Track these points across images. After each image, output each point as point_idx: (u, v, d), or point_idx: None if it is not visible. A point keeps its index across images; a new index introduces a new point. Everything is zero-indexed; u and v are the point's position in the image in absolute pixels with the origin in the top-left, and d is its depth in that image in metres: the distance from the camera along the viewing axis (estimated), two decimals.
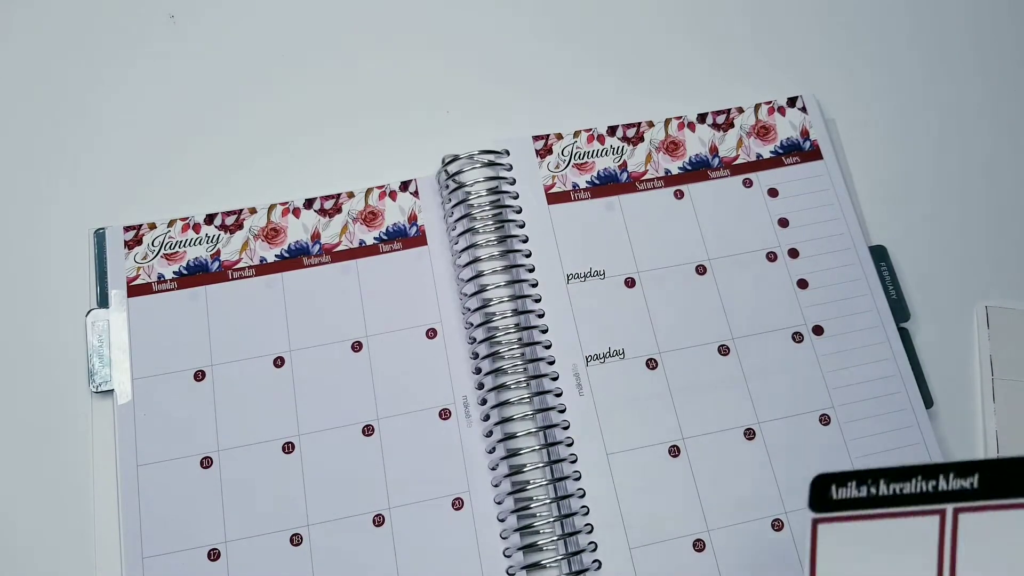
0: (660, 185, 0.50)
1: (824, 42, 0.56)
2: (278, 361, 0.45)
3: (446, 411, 0.44)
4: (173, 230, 0.48)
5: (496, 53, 0.55)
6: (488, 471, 0.43)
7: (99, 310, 0.46)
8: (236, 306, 0.46)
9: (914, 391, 0.46)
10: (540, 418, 0.44)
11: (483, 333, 0.45)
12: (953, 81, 0.55)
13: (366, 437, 0.44)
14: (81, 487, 0.43)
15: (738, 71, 0.55)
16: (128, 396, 0.44)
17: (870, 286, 0.48)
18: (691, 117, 0.52)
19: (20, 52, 0.54)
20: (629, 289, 0.47)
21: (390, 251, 0.48)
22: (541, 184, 0.49)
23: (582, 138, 0.51)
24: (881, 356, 0.47)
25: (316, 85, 0.53)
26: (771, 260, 0.49)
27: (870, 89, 0.55)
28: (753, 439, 0.44)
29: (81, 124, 0.52)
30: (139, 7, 0.55)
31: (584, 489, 0.43)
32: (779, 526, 0.43)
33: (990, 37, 0.57)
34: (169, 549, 0.41)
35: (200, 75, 0.53)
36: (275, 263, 0.47)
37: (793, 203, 0.50)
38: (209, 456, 0.43)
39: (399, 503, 0.43)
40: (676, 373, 0.46)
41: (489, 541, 0.42)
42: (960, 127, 0.54)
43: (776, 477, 0.44)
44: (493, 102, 0.53)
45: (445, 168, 0.49)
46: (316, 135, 0.52)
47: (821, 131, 0.52)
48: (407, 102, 0.53)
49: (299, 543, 0.42)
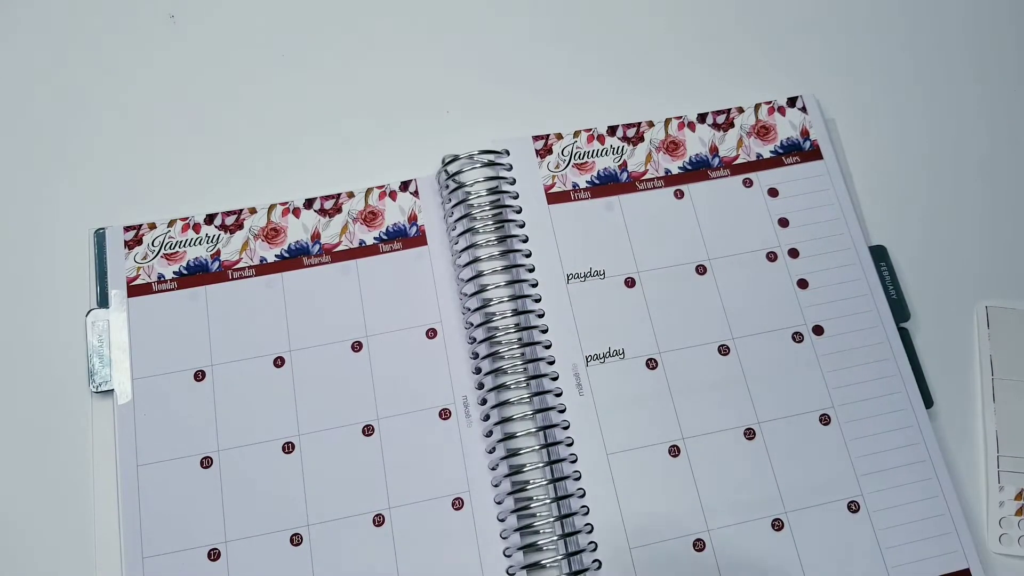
0: (660, 185, 0.50)
1: (824, 42, 0.56)
2: (278, 361, 0.45)
3: (446, 411, 0.44)
4: (173, 230, 0.48)
5: (496, 53, 0.55)
6: (488, 471, 0.43)
7: (99, 310, 0.46)
8: (236, 306, 0.46)
9: (914, 391, 0.46)
10: (540, 418, 0.44)
11: (483, 333, 0.45)
12: (953, 81, 0.55)
13: (366, 437, 0.44)
14: (81, 487, 0.43)
15: (738, 71, 0.55)
16: (128, 396, 0.44)
17: (870, 286, 0.48)
18: (691, 117, 0.52)
19: (20, 52, 0.54)
20: (629, 289, 0.47)
21: (390, 251, 0.48)
22: (541, 184, 0.49)
23: (582, 138, 0.51)
24: (881, 356, 0.47)
25: (316, 85, 0.53)
26: (771, 260, 0.49)
27: (870, 89, 0.55)
28: (753, 439, 0.44)
29: (81, 124, 0.52)
30: (139, 7, 0.55)
31: (584, 489, 0.43)
32: (779, 526, 0.43)
33: (989, 37, 0.57)
34: (169, 549, 0.41)
35: (200, 75, 0.53)
36: (275, 263, 0.47)
37: (793, 203, 0.50)
38: (209, 456, 0.43)
39: (399, 503, 0.43)
40: (676, 373, 0.46)
41: (489, 541, 0.42)
42: (960, 127, 0.54)
43: (776, 477, 0.44)
44: (493, 102, 0.53)
45: (445, 168, 0.49)
46: (316, 135, 0.52)
47: (821, 131, 0.52)
48: (407, 102, 0.53)
49: (299, 543, 0.42)
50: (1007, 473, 0.45)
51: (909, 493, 0.44)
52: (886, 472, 0.44)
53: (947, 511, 0.43)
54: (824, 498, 0.44)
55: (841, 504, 0.43)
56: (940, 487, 0.44)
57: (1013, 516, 0.44)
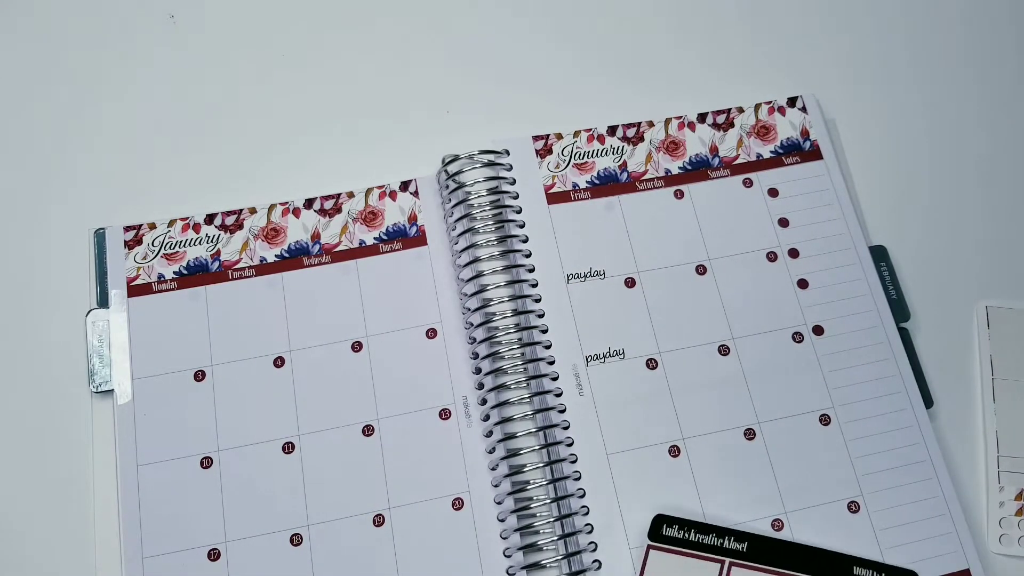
0: (660, 185, 0.50)
1: (824, 42, 0.56)
2: (278, 361, 0.45)
3: (446, 411, 0.44)
4: (173, 230, 0.48)
5: (496, 53, 0.55)
6: (488, 471, 0.43)
7: (99, 310, 0.46)
8: (236, 306, 0.46)
9: (914, 391, 0.46)
10: (540, 418, 0.44)
11: (483, 333, 0.45)
12: (953, 81, 0.55)
13: (366, 437, 0.44)
14: (81, 487, 0.43)
15: (738, 71, 0.55)
16: (128, 396, 0.44)
17: (870, 286, 0.48)
18: (691, 117, 0.52)
19: (20, 52, 0.54)
20: (629, 289, 0.47)
21: (390, 251, 0.48)
22: (541, 184, 0.49)
23: (582, 138, 0.51)
24: (881, 356, 0.47)
25: (316, 85, 0.53)
26: (771, 260, 0.48)
27: (870, 89, 0.55)
28: (753, 439, 0.44)
29: (81, 124, 0.52)
30: (139, 7, 0.55)
31: (584, 489, 0.43)
32: (779, 526, 0.43)
33: (989, 37, 0.56)
34: (169, 549, 0.41)
35: (200, 75, 0.53)
36: (275, 263, 0.47)
37: (793, 203, 0.50)
38: (209, 456, 0.43)
39: (399, 503, 0.43)
40: (676, 373, 0.46)
41: (489, 541, 0.42)
42: (960, 127, 0.54)
43: (776, 477, 0.44)
44: (493, 102, 0.53)
45: (445, 168, 0.49)
46: (316, 135, 0.52)
47: (821, 131, 0.52)
48: (407, 102, 0.53)
49: (299, 543, 0.42)
50: (1007, 473, 0.45)
51: (909, 493, 0.44)
52: (886, 472, 0.44)
53: (947, 511, 0.43)
54: (824, 498, 0.43)
55: (841, 504, 0.43)
56: (940, 487, 0.44)
57: (1013, 516, 0.44)
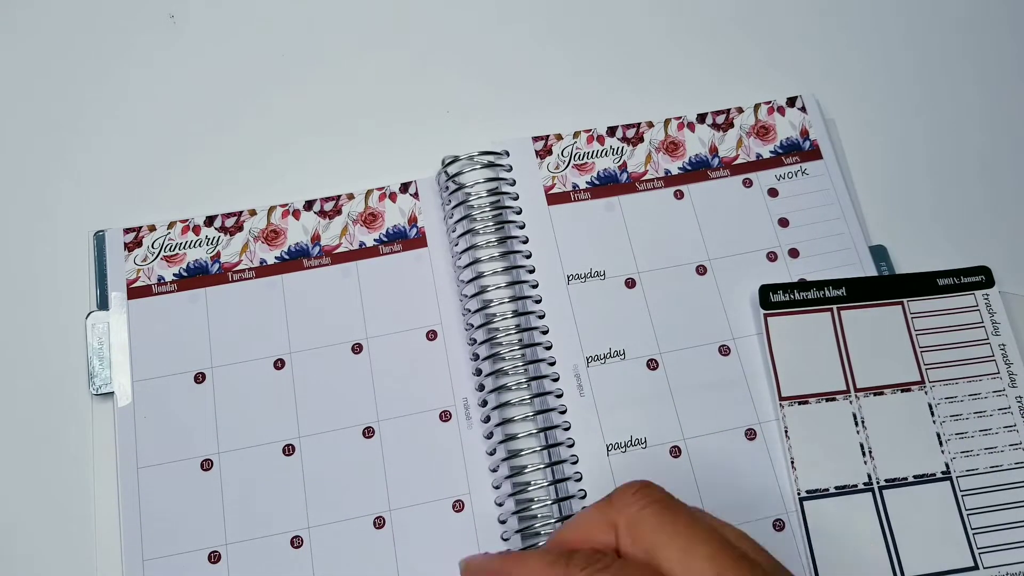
0: (660, 185, 0.50)
1: (824, 42, 0.56)
2: (278, 363, 0.45)
3: (446, 413, 0.44)
4: (173, 232, 0.48)
5: (496, 54, 0.55)
6: (489, 473, 0.43)
7: (99, 312, 0.46)
8: (236, 308, 0.46)
9: None
10: (541, 419, 0.44)
11: (483, 334, 0.45)
12: (953, 80, 0.55)
13: (366, 439, 0.44)
14: (81, 489, 0.43)
15: (738, 71, 0.55)
16: (128, 398, 0.44)
17: None
18: (691, 117, 0.52)
19: (20, 53, 0.54)
20: (629, 289, 0.47)
21: (390, 253, 0.48)
22: (541, 185, 0.49)
23: (582, 139, 0.51)
24: None
25: (316, 86, 0.53)
26: (771, 260, 0.48)
27: (870, 89, 0.55)
28: (754, 439, 0.44)
29: (81, 125, 0.52)
30: (139, 7, 0.55)
31: (585, 490, 0.43)
32: (780, 526, 0.43)
33: (989, 36, 0.56)
34: (170, 552, 0.41)
35: (200, 76, 0.53)
36: (275, 265, 0.47)
37: (793, 203, 0.50)
38: (209, 458, 0.43)
39: (400, 505, 0.43)
40: (677, 373, 0.46)
41: (490, 543, 0.42)
42: (960, 126, 0.54)
43: (777, 477, 0.44)
44: (493, 102, 0.53)
45: (445, 169, 0.49)
46: (316, 136, 0.52)
47: (821, 131, 0.52)
48: (407, 103, 0.53)
49: (300, 545, 0.42)
50: None
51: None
52: None
53: None
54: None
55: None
56: None
57: None
